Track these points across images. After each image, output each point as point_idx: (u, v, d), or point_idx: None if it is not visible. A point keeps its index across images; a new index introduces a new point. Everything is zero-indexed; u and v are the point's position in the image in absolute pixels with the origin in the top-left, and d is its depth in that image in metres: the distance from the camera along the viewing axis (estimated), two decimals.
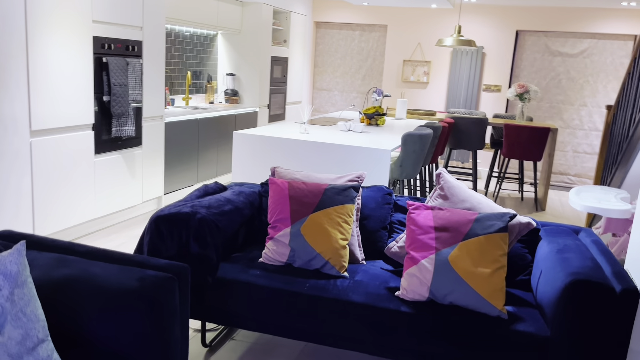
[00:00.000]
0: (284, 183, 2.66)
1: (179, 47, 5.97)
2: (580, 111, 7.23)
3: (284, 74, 7.31)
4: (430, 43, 7.62)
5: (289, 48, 7.33)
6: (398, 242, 2.62)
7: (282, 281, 2.43)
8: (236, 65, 6.69)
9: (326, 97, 8.41)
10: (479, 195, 2.54)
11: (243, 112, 6.40)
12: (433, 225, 2.36)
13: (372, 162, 3.76)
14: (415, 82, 7.75)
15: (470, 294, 2.22)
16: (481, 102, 7.51)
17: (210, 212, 2.56)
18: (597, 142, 7.24)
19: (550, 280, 2.23)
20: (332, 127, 4.76)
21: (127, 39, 4.34)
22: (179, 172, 5.32)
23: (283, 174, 2.83)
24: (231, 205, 2.72)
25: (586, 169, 7.33)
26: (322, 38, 8.26)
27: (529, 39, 7.28)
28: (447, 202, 2.53)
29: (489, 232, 2.29)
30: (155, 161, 4.88)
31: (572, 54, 7.14)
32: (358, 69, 8.14)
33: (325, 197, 2.57)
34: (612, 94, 7.07)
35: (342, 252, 2.51)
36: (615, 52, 6.98)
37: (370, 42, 8.00)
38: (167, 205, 2.66)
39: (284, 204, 2.60)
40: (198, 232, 2.46)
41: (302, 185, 2.63)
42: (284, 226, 2.58)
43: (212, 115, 5.77)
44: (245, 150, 4.06)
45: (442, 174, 2.59)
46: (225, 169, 6.19)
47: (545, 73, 7.28)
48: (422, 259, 2.31)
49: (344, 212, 2.56)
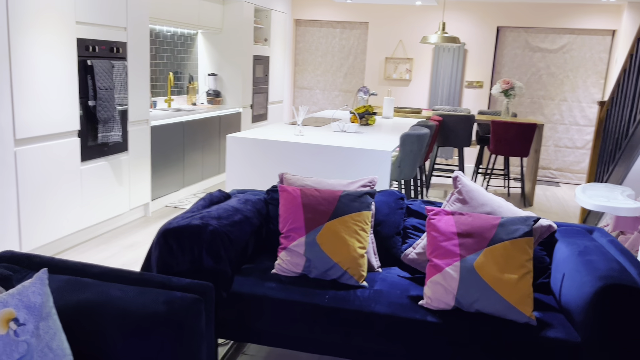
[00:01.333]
0: (295, 190, 2.56)
1: (160, 47, 5.78)
2: (561, 106, 7.31)
3: (266, 73, 7.18)
4: (412, 40, 7.59)
5: (270, 47, 7.20)
6: (415, 249, 2.56)
7: (300, 293, 2.33)
8: (218, 65, 6.53)
9: (307, 96, 8.30)
10: (498, 198, 2.49)
11: (227, 113, 6.25)
12: (456, 232, 2.30)
13: (372, 164, 3.69)
14: (398, 80, 7.72)
15: (498, 300, 2.17)
16: (464, 99, 7.53)
17: (222, 224, 2.45)
18: (578, 137, 7.34)
19: (577, 284, 2.20)
20: (325, 127, 4.68)
21: (111, 40, 4.16)
22: (166, 177, 5.15)
23: (292, 180, 2.73)
24: (241, 215, 2.61)
25: (567, 163, 7.43)
26: (302, 36, 8.15)
27: (509, 35, 7.33)
28: (466, 206, 2.48)
29: (514, 237, 2.24)
30: (142, 167, 4.71)
31: (552, 49, 7.21)
32: (339, 67, 8.07)
33: (340, 205, 2.48)
34: (591, 89, 7.18)
35: (360, 261, 2.43)
36: (594, 47, 7.08)
37: (352, 40, 7.93)
38: (174, 217, 2.53)
39: (297, 213, 2.51)
40: (211, 246, 2.34)
41: (315, 193, 2.53)
42: (298, 235, 2.48)
43: (196, 117, 5.61)
44: (239, 154, 3.94)
45: (459, 178, 2.53)
46: (212, 172, 6.04)
47: (526, 69, 7.34)
48: (446, 266, 2.25)
49: (360, 219, 2.48)
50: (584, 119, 7.26)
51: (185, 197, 5.57)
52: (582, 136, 7.32)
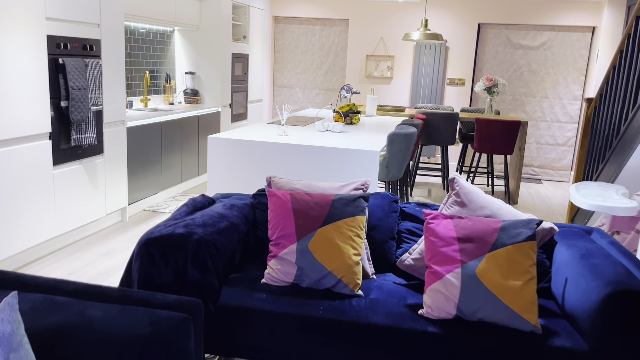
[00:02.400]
0: (285, 195, 2.42)
1: (135, 45, 5.57)
2: (542, 103, 7.31)
3: (245, 72, 7.01)
4: (393, 37, 7.50)
5: (248, 44, 7.03)
6: (411, 254, 2.44)
7: (292, 304, 2.20)
8: (195, 63, 6.34)
9: (287, 95, 8.15)
10: (497, 200, 2.39)
11: (206, 112, 6.07)
12: (456, 236, 2.19)
13: (360, 164, 3.57)
14: (379, 78, 7.62)
15: (502, 308, 2.07)
16: (446, 96, 7.47)
17: (207, 232, 2.29)
18: (560, 134, 7.34)
19: (582, 289, 2.11)
20: (309, 127, 4.54)
21: (84, 37, 3.96)
22: (143, 180, 4.96)
23: (281, 183, 2.59)
24: (227, 222, 2.46)
25: (549, 160, 7.43)
26: (281, 33, 7.99)
27: (490, 32, 7.29)
28: (464, 209, 2.37)
29: (517, 242, 2.14)
30: (118, 170, 4.51)
31: (533, 46, 7.19)
32: (320, 64, 7.93)
33: (333, 209, 2.35)
34: (572, 86, 7.18)
35: (355, 268, 2.30)
36: (574, 44, 7.08)
37: (332, 37, 7.80)
38: (156, 225, 2.37)
39: (287, 219, 2.37)
40: (196, 256, 2.19)
41: (306, 197, 2.40)
42: (288, 243, 2.34)
43: (174, 117, 5.42)
44: (221, 156, 3.78)
45: (456, 179, 2.43)
46: (191, 174, 5.85)
47: (508, 66, 7.31)
48: (446, 273, 2.14)
49: (355, 224, 2.36)
50: (565, 115, 7.27)
51: (164, 200, 5.38)
52: (563, 133, 7.32)
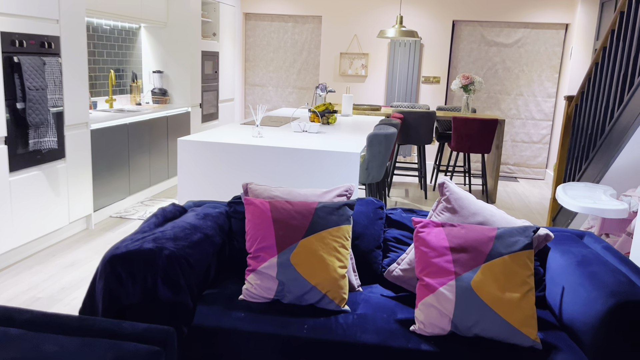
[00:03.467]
0: (264, 203, 2.24)
1: (99, 42, 5.29)
2: (517, 100, 7.28)
3: (216, 70, 6.78)
4: (367, 34, 7.36)
5: (219, 42, 6.80)
6: (400, 264, 2.29)
7: (273, 323, 2.02)
8: (163, 61, 6.08)
9: (260, 94, 7.94)
10: (489, 206, 2.26)
11: (175, 113, 5.82)
12: (448, 246, 2.05)
13: (339, 166, 3.41)
14: (354, 76, 7.48)
15: (499, 323, 1.93)
16: (421, 94, 7.37)
17: (179, 246, 2.10)
18: (534, 131, 7.33)
19: (582, 300, 1.99)
20: (284, 127, 4.36)
21: (41, 34, 3.69)
22: (109, 185, 4.69)
23: (258, 191, 2.40)
24: (200, 234, 2.26)
25: (524, 158, 7.41)
26: (252, 30, 7.77)
27: (465, 29, 7.22)
28: (455, 216, 2.23)
29: (513, 251, 2.01)
30: (82, 175, 4.24)
31: (507, 43, 7.15)
32: (292, 62, 7.74)
33: (317, 219, 2.18)
34: (546, 83, 7.17)
35: (341, 282, 2.14)
36: (548, 41, 7.07)
37: (304, 34, 7.62)
38: (121, 239, 2.16)
39: (266, 229, 2.19)
40: (167, 273, 1.99)
41: (287, 206, 2.22)
42: (268, 256, 2.16)
43: (141, 118, 5.17)
44: (192, 160, 3.57)
45: (446, 184, 2.28)
46: (160, 177, 5.60)
47: (482, 63, 7.25)
48: (439, 286, 2.00)
49: (340, 234, 2.19)
50: (540, 113, 7.25)
51: (132, 205, 5.12)
52: (538, 130, 7.31)
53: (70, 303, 3.13)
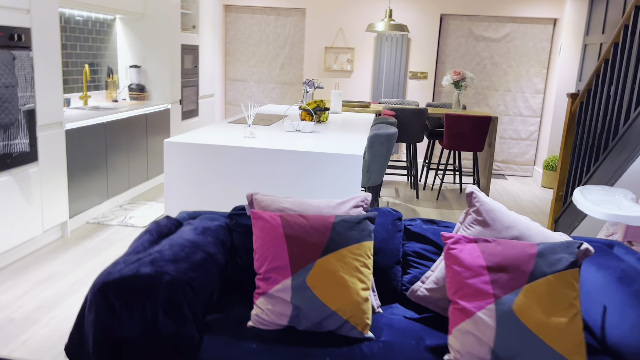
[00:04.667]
0: (274, 218, 2.00)
1: (71, 35, 4.93)
2: (505, 97, 7.15)
3: (196, 64, 6.45)
4: (352, 28, 7.13)
5: (198, 35, 6.47)
6: (425, 283, 2.07)
7: (291, 355, 1.78)
8: (141, 55, 5.73)
9: (241, 89, 7.64)
10: (523, 218, 2.06)
11: (154, 110, 5.49)
12: (485, 265, 1.84)
13: (341, 170, 3.18)
14: (339, 71, 7.24)
15: (546, 351, 1.73)
16: (408, 90, 7.18)
17: (181, 269, 1.84)
18: (522, 128, 7.22)
19: (632, 323, 1.80)
20: (275, 126, 4.10)
21: (10, 25, 3.35)
22: (86, 189, 4.36)
23: (265, 202, 2.15)
24: (202, 253, 2.00)
25: (512, 155, 7.30)
26: (232, 23, 7.46)
27: (452, 24, 7.05)
28: (487, 230, 2.02)
29: (558, 270, 1.81)
30: (56, 179, 3.91)
31: (495, 38, 7.01)
32: (275, 57, 7.46)
33: (335, 235, 1.95)
34: (534, 79, 7.06)
35: (364, 306, 1.91)
36: (536, 36, 6.95)
37: (288, 28, 7.34)
38: (113, 262, 1.88)
39: (278, 247, 1.94)
40: (169, 302, 1.73)
41: (301, 220, 1.98)
42: (281, 277, 1.92)
43: (119, 116, 4.83)
44: (179, 163, 3.29)
45: (475, 194, 2.07)
46: (139, 179, 5.28)
47: (470, 58, 7.10)
48: (477, 310, 1.79)
49: (361, 252, 1.96)
50: (528, 109, 7.14)
51: (110, 209, 4.79)
52: (526, 127, 7.20)
53: (48, 324, 2.83)
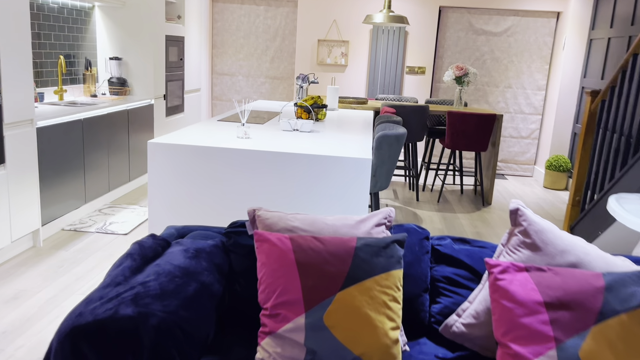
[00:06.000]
0: (283, 241, 1.65)
1: (45, 23, 4.51)
2: (506, 93, 6.87)
3: (181, 57, 6.05)
4: (347, 20, 6.78)
5: (184, 25, 6.07)
6: (461, 317, 1.75)
7: None
8: (122, 47, 5.33)
9: (229, 83, 7.25)
10: (579, 240, 1.74)
11: (136, 106, 5.10)
12: (542, 300, 1.52)
13: (347, 175, 2.84)
14: (333, 65, 6.89)
15: None
16: (405, 86, 6.86)
17: (170, 308, 1.49)
18: (523, 126, 6.95)
19: None
20: (270, 125, 3.74)
21: None
22: (61, 193, 3.97)
23: (271, 220, 1.80)
24: (195, 283, 1.66)
25: (512, 154, 7.03)
26: (220, 14, 7.06)
27: (452, 16, 6.74)
28: (538, 254, 1.70)
29: (632, 307, 1.49)
30: (27, 182, 3.52)
31: (496, 32, 6.72)
32: (265, 50, 7.08)
33: (358, 262, 1.61)
34: (536, 75, 6.78)
35: (394, 349, 1.58)
36: (539, 30, 6.67)
37: (278, 19, 6.97)
38: (85, 298, 1.52)
39: (289, 277, 1.60)
40: (157, 352, 1.38)
41: (315, 244, 1.64)
42: (292, 314, 1.58)
43: (98, 112, 4.44)
44: (165, 167, 2.92)
45: (521, 210, 1.74)
46: (121, 180, 4.88)
47: (470, 53, 6.80)
48: (535, 357, 1.47)
49: (390, 283, 1.63)
50: (529, 106, 6.87)
51: (88, 214, 4.40)
52: (527, 125, 6.93)
53: (14, 354, 2.46)
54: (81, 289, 3.12)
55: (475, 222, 4.87)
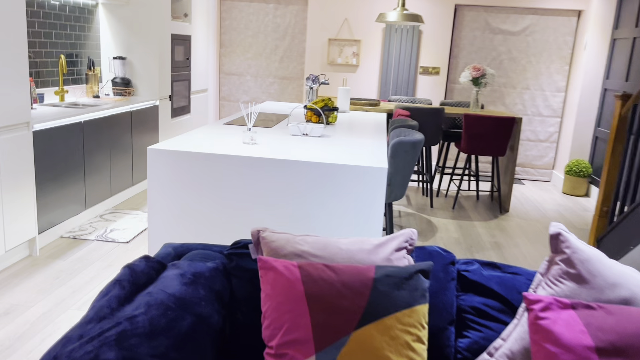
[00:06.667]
0: (291, 269, 1.45)
1: (46, 21, 4.34)
2: (523, 95, 6.62)
3: (187, 56, 5.87)
4: (359, 19, 6.56)
5: (191, 24, 5.89)
6: (493, 356, 1.54)
7: None
8: (126, 45, 5.15)
9: (237, 84, 7.06)
10: (629, 269, 1.52)
11: (140, 107, 4.92)
12: (593, 345, 1.30)
13: (360, 185, 2.63)
14: (344, 65, 6.67)
15: None
16: (418, 87, 6.63)
17: (160, 350, 1.29)
18: (541, 129, 6.69)
19: None
20: (278, 129, 3.54)
21: None
22: (60, 198, 3.79)
23: (277, 242, 1.60)
24: (191, 317, 1.46)
25: (530, 158, 6.78)
26: (228, 12, 6.86)
27: (468, 15, 6.50)
28: (584, 287, 1.48)
29: None
30: (22, 189, 3.34)
31: (514, 31, 6.47)
32: (274, 49, 6.88)
33: (377, 296, 1.40)
34: (555, 76, 6.53)
35: None
36: (558, 30, 6.41)
37: (288, 17, 6.76)
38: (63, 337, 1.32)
39: (297, 312, 1.40)
40: None
41: (327, 273, 1.43)
42: (301, 355, 1.38)
43: (100, 114, 4.26)
44: (165, 175, 2.73)
45: (562, 236, 1.53)
46: (123, 184, 4.70)
47: (486, 53, 6.55)
48: None
49: (414, 320, 1.42)
50: (548, 109, 6.62)
51: (89, 221, 4.22)
52: (545, 128, 6.68)
53: None
54: (77, 303, 2.93)
55: (493, 231, 4.64)
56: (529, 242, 4.43)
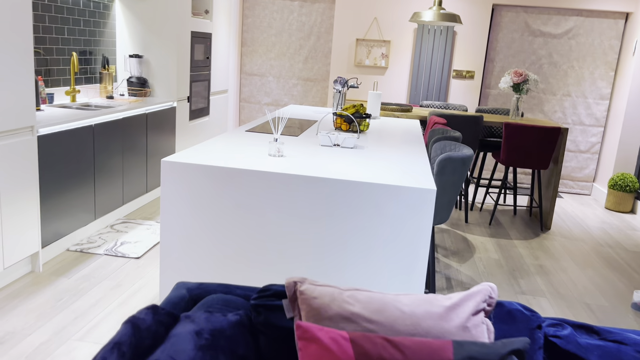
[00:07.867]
0: (341, 343, 1.10)
1: (57, 16, 4.05)
2: (564, 102, 6.19)
3: (207, 55, 5.56)
4: (389, 18, 6.19)
5: (212, 21, 5.57)
6: None
7: None
8: (143, 43, 4.85)
9: (258, 85, 6.73)
10: None
11: (157, 109, 4.61)
12: None
13: (405, 208, 2.27)
14: (371, 67, 6.30)
15: None
16: (451, 92, 6.24)
17: None
18: (582, 139, 6.26)
19: None
20: (305, 137, 3.19)
21: None
22: (66, 209, 3.49)
23: (321, 301, 1.25)
24: None
25: (569, 170, 6.35)
26: (251, 9, 6.54)
27: (506, 15, 6.09)
28: None
29: None
30: (24, 199, 3.04)
31: (556, 34, 6.04)
32: (298, 49, 6.54)
33: None
34: (599, 83, 6.09)
35: None
36: (604, 33, 5.98)
37: (314, 16, 6.42)
38: None
39: None
40: None
41: (390, 352, 1.08)
42: None
43: (113, 117, 3.96)
44: (180, 191, 2.39)
45: None
46: (137, 192, 4.40)
47: (525, 57, 6.14)
48: None
49: None
50: (590, 117, 6.18)
51: (98, 231, 3.92)
52: (586, 138, 6.24)
53: None
54: (78, 333, 2.62)
55: (536, 252, 4.24)
56: (576, 265, 4.03)
